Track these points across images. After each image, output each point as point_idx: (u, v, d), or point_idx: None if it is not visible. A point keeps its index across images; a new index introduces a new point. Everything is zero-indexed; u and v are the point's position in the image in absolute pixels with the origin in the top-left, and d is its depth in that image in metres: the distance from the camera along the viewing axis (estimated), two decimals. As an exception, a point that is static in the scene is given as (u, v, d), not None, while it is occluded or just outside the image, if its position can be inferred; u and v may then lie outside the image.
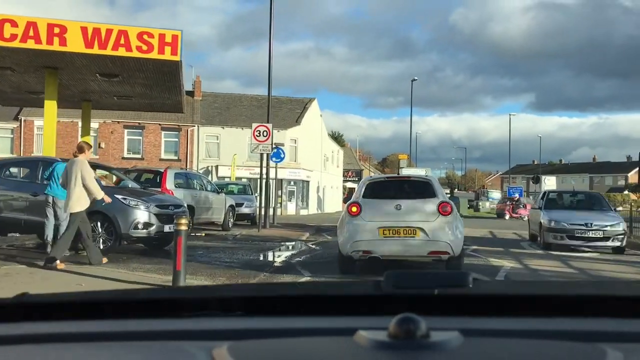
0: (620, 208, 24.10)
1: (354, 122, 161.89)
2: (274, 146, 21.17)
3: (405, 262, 8.96)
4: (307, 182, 42.94)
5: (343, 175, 60.62)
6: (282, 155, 20.90)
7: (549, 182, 65.22)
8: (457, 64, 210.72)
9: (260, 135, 16.26)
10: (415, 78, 42.11)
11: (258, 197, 21.02)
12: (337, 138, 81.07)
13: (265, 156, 17.95)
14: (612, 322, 1.12)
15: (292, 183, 40.74)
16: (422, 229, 8.10)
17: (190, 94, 41.70)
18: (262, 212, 18.41)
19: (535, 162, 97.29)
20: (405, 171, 38.02)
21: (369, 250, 8.17)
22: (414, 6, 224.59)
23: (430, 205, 8.34)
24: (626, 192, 77.76)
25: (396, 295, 1.17)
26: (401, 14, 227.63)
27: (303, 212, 41.80)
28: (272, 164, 19.60)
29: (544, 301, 1.25)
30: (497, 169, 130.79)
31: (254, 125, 16.58)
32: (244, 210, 19.97)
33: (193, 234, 14.72)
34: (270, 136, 16.33)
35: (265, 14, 17.86)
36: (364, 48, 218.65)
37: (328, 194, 48.15)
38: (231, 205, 17.48)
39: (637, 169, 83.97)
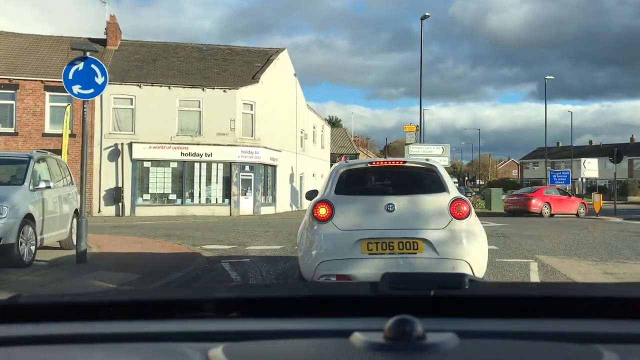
0: None
1: (357, 113, 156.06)
2: (84, 54, 8.26)
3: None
4: (274, 167, 30.08)
5: (334, 160, 47.59)
6: (98, 82, 8.10)
7: (589, 166, 53.02)
8: (457, 55, 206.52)
9: None
10: (428, 14, 29.15)
11: (77, 194, 8.53)
12: (334, 123, 68.47)
13: None
14: (608, 324, 1.13)
15: (247, 168, 27.83)
16: (427, 241, 5.73)
17: (102, 42, 28.72)
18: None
19: (560, 145, 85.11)
20: (414, 149, 26.06)
21: (345, 273, 5.68)
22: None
23: (439, 205, 5.90)
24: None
25: (392, 297, 1.17)
26: (400, 7, 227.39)
27: (267, 210, 28.98)
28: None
29: (540, 303, 1.24)
30: (507, 155, 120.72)
31: None
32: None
33: None
34: None
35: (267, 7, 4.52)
36: (365, 40, 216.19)
37: (309, 184, 35.13)
38: None
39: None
